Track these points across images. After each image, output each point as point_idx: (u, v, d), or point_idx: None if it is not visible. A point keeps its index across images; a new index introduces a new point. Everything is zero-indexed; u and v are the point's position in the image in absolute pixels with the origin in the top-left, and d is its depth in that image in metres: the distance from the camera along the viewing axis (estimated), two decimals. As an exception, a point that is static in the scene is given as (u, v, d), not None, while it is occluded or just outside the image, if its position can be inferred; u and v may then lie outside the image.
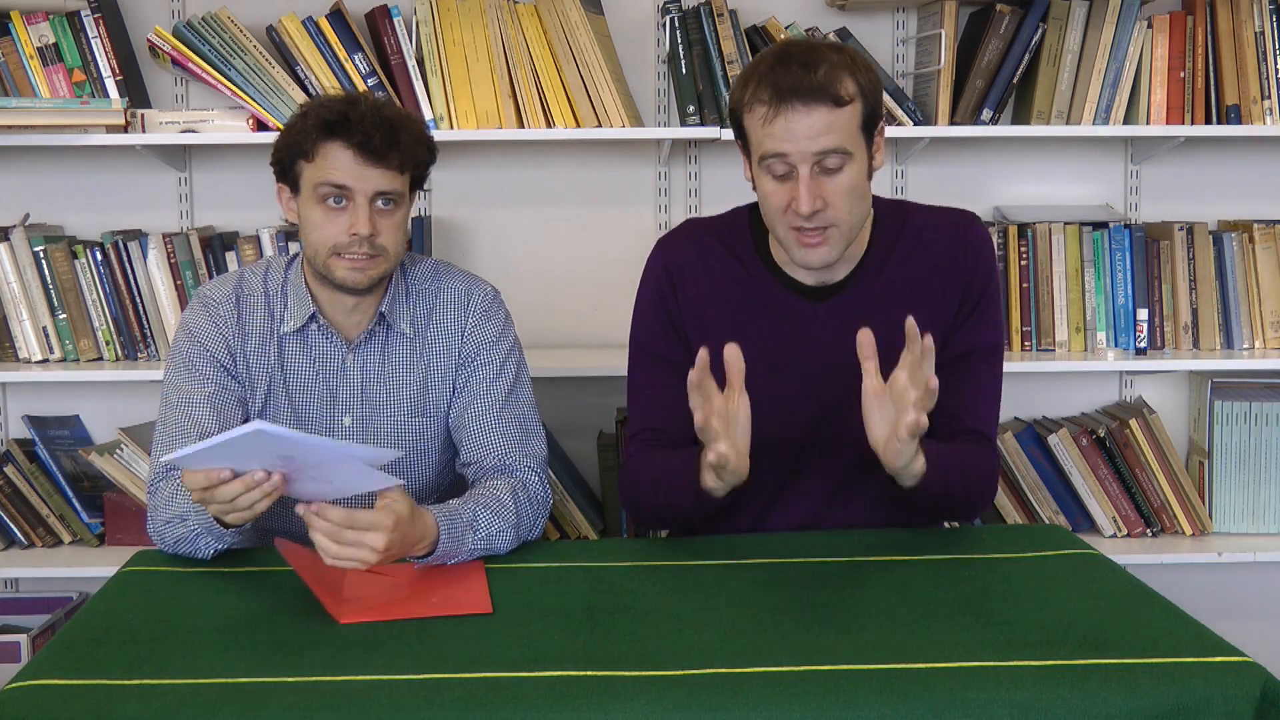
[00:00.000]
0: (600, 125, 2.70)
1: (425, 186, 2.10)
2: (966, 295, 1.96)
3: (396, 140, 1.92)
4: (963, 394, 1.95)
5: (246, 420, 2.05)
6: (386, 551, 1.68)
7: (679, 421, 1.90)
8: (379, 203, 1.94)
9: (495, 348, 2.07)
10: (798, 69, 1.82)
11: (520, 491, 1.94)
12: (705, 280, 1.99)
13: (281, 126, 2.58)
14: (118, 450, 2.77)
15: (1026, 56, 2.74)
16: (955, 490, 1.89)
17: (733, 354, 1.73)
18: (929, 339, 1.71)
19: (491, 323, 2.09)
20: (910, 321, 1.72)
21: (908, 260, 1.97)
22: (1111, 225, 2.84)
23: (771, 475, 1.99)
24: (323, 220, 1.94)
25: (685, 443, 1.92)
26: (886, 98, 2.73)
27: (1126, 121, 2.77)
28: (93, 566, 2.66)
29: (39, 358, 2.75)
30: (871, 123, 1.87)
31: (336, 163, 1.92)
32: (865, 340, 1.73)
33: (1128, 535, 2.84)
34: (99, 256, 2.75)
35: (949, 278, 1.96)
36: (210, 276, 2.76)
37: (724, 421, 1.75)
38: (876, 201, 1.98)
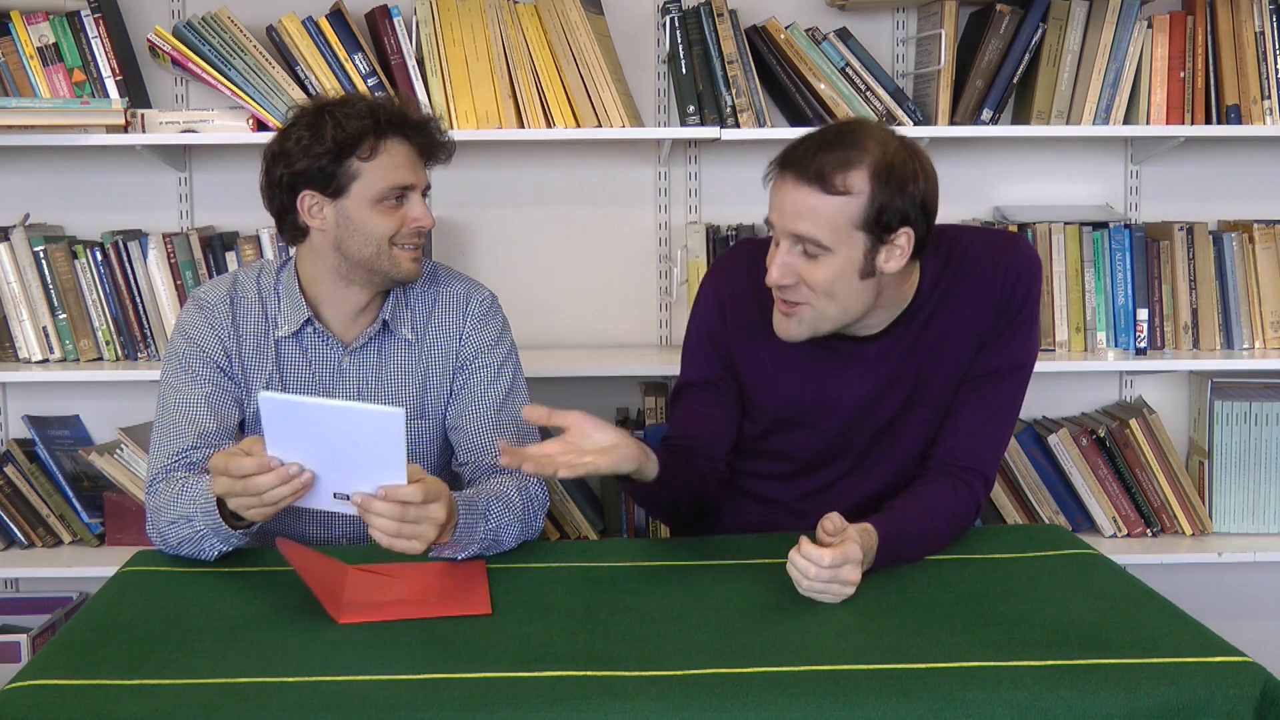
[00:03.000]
0: (600, 125, 2.70)
1: None
2: (1002, 314, 1.95)
3: (442, 138, 2.03)
4: (972, 423, 1.96)
5: (243, 422, 2.06)
6: (443, 524, 1.71)
7: (711, 431, 2.03)
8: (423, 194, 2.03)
9: (493, 351, 2.09)
10: (815, 144, 1.81)
11: (523, 491, 1.96)
12: (756, 309, 1.99)
13: (281, 126, 2.58)
14: (118, 450, 2.77)
15: (1026, 56, 2.74)
16: (918, 554, 1.86)
17: (530, 413, 1.80)
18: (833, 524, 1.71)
19: (489, 326, 2.10)
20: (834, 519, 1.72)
21: (954, 289, 1.95)
22: (1111, 225, 2.84)
23: (814, 489, 2.04)
24: (383, 217, 1.97)
25: (715, 449, 2.02)
26: (887, 98, 2.73)
27: (1126, 121, 2.77)
28: (93, 566, 2.67)
29: (39, 358, 2.75)
30: (880, 225, 1.80)
31: (399, 159, 1.97)
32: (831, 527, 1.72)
33: (1128, 535, 2.84)
34: (99, 256, 2.75)
35: (987, 300, 1.95)
36: (210, 276, 2.76)
37: (572, 454, 1.77)
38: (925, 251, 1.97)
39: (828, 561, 1.63)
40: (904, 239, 1.82)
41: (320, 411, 1.64)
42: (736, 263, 2.05)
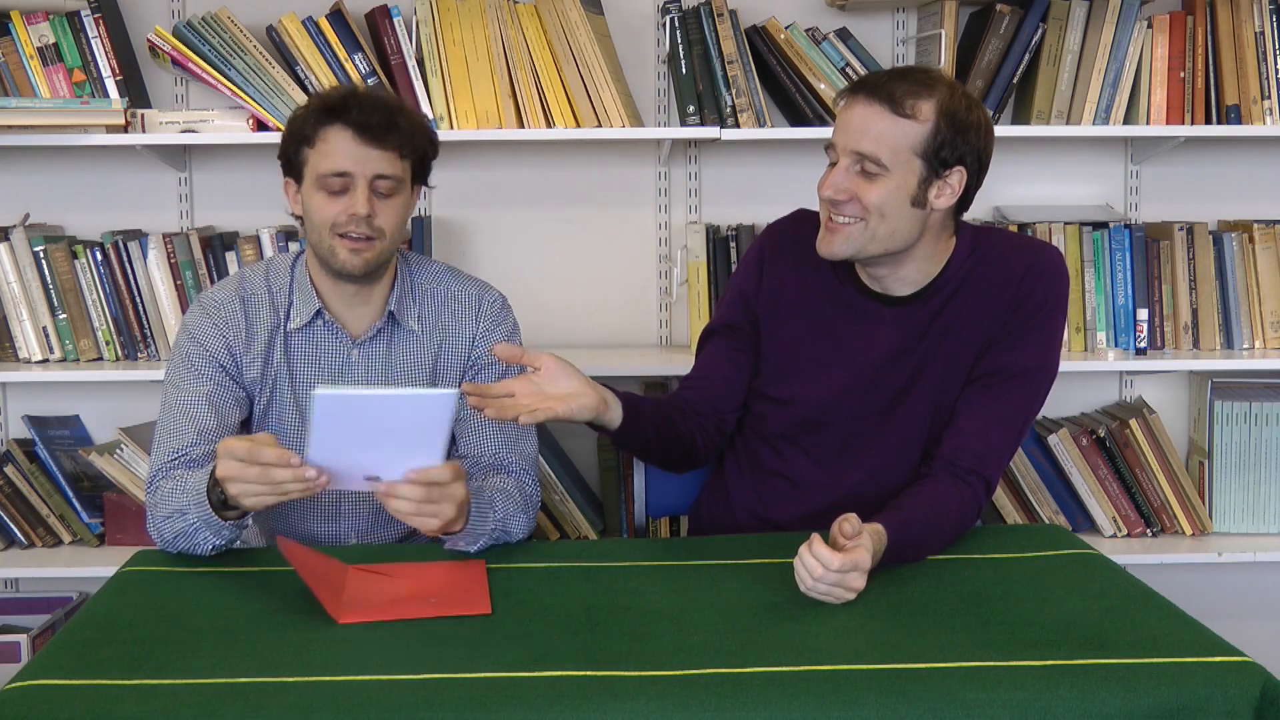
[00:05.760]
0: (600, 125, 2.70)
1: (430, 184, 2.12)
2: (1014, 314, 1.98)
3: (395, 123, 1.98)
4: (979, 425, 1.97)
5: (247, 420, 2.07)
6: (460, 506, 1.76)
7: (723, 376, 2.10)
8: (378, 185, 1.98)
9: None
10: (890, 74, 1.92)
11: (522, 490, 2.01)
12: (793, 268, 2.08)
13: (281, 126, 2.64)
14: (118, 450, 2.77)
15: (1026, 56, 2.74)
16: (921, 555, 1.86)
17: (503, 351, 1.82)
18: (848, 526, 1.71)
19: (502, 328, 2.14)
20: (850, 520, 1.71)
21: (979, 284, 1.99)
22: (1111, 225, 2.84)
23: (815, 456, 2.08)
24: (323, 203, 1.99)
25: (723, 394, 2.09)
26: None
27: (1126, 121, 2.77)
28: (93, 566, 2.67)
29: (39, 358, 2.75)
30: (938, 159, 1.89)
31: (337, 146, 1.97)
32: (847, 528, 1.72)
33: (1128, 535, 2.84)
34: (99, 256, 2.75)
35: (1003, 295, 1.98)
36: (210, 276, 2.77)
37: (534, 397, 1.80)
38: (963, 227, 2.03)
39: (836, 565, 1.63)
40: (956, 179, 1.92)
41: (375, 402, 1.67)
42: (787, 224, 2.15)
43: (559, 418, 1.82)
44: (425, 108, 2.70)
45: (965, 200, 1.96)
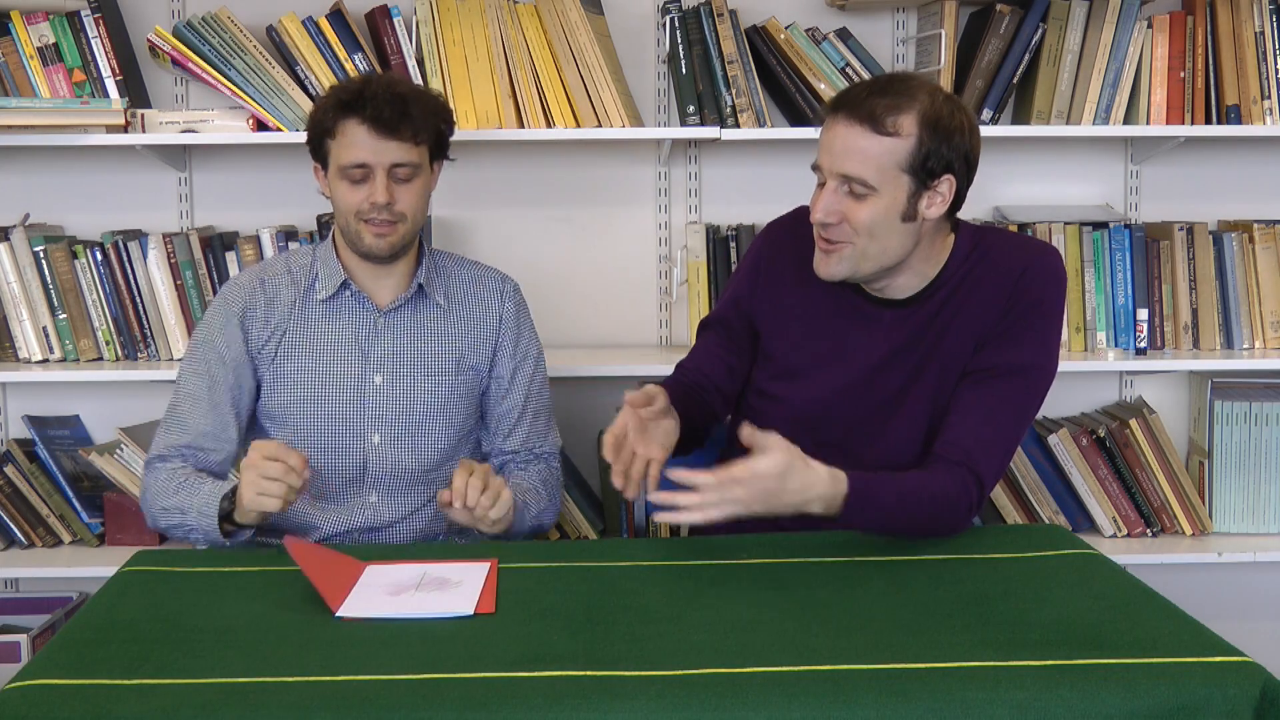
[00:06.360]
0: (600, 125, 2.70)
1: (450, 156, 2.21)
2: (1008, 312, 1.97)
3: (407, 113, 2.07)
4: (969, 420, 1.96)
5: (257, 402, 2.17)
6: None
7: (711, 370, 2.13)
8: (396, 173, 2.08)
9: (528, 335, 2.26)
10: (868, 89, 1.90)
11: (551, 478, 2.22)
12: (793, 267, 2.08)
13: (281, 126, 2.67)
14: (118, 450, 2.77)
15: (1026, 56, 2.74)
16: (894, 512, 1.85)
17: (633, 398, 1.88)
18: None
19: (523, 311, 2.27)
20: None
21: (977, 283, 1.99)
22: (1111, 225, 2.84)
23: (814, 455, 2.05)
24: (347, 191, 2.09)
25: (712, 385, 2.12)
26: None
27: (1126, 121, 2.77)
28: (93, 566, 2.67)
29: (39, 358, 2.75)
30: (925, 171, 1.88)
31: (355, 138, 2.06)
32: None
33: (1128, 535, 2.84)
34: (99, 256, 2.75)
35: (998, 295, 1.98)
36: (210, 276, 2.78)
37: (648, 448, 1.90)
38: (963, 227, 2.03)
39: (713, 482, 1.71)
40: (946, 186, 1.91)
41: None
42: (788, 223, 2.15)
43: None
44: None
45: (957, 202, 1.96)
